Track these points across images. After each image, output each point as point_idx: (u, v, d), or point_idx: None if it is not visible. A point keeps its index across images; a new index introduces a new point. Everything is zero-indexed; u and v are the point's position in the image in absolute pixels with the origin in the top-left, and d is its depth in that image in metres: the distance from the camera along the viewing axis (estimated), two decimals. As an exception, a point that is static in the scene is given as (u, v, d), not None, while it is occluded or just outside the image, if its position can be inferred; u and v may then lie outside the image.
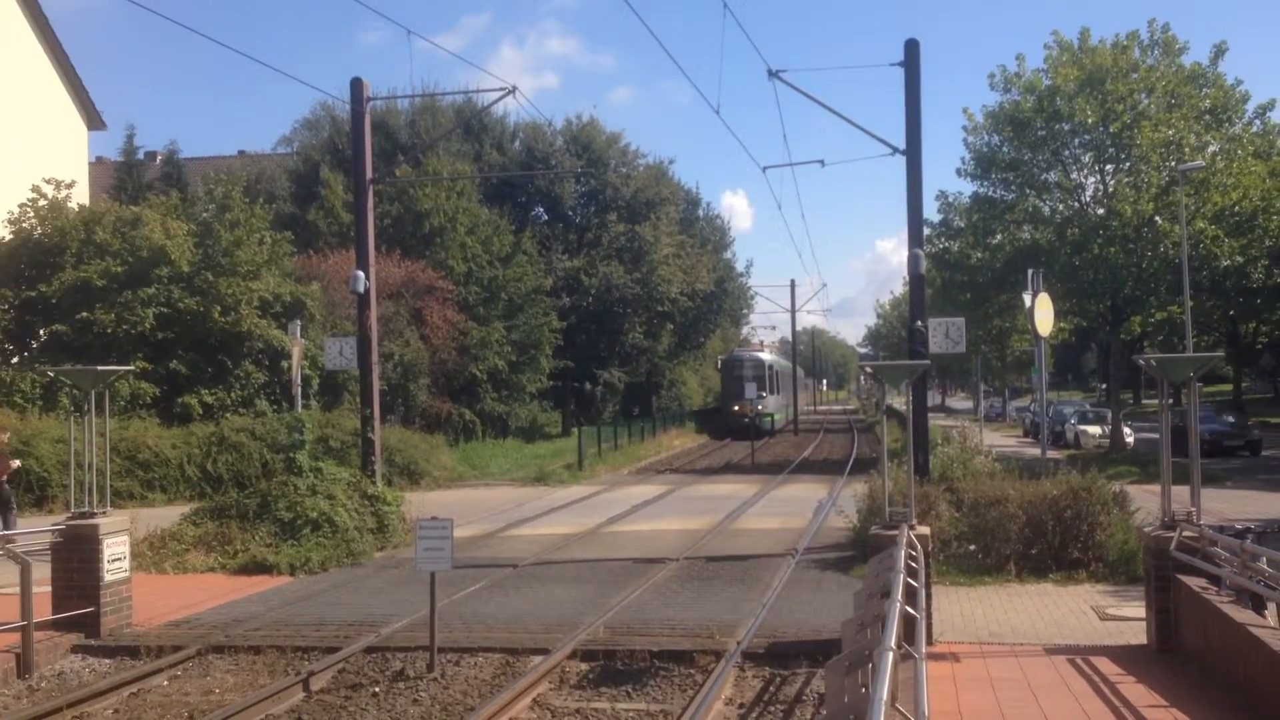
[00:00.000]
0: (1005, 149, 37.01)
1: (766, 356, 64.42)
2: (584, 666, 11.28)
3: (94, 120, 42.05)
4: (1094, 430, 43.37)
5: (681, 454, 47.54)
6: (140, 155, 55.79)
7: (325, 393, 34.24)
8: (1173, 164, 33.16)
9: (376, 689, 10.69)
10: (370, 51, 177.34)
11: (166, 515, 21.03)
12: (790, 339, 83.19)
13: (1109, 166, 36.34)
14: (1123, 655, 10.79)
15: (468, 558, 17.30)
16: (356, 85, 22.06)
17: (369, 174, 22.29)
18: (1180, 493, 11.62)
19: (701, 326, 71.04)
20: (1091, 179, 37.26)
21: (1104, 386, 69.25)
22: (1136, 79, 34.76)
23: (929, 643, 9.29)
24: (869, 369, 14.61)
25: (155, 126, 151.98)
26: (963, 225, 39.25)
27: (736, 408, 57.69)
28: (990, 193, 38.06)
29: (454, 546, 11.53)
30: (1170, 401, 12.27)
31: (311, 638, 12.39)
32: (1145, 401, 78.40)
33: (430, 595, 11.43)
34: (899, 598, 6.45)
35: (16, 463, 21.08)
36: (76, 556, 12.47)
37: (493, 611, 13.69)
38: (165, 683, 11.15)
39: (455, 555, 11.74)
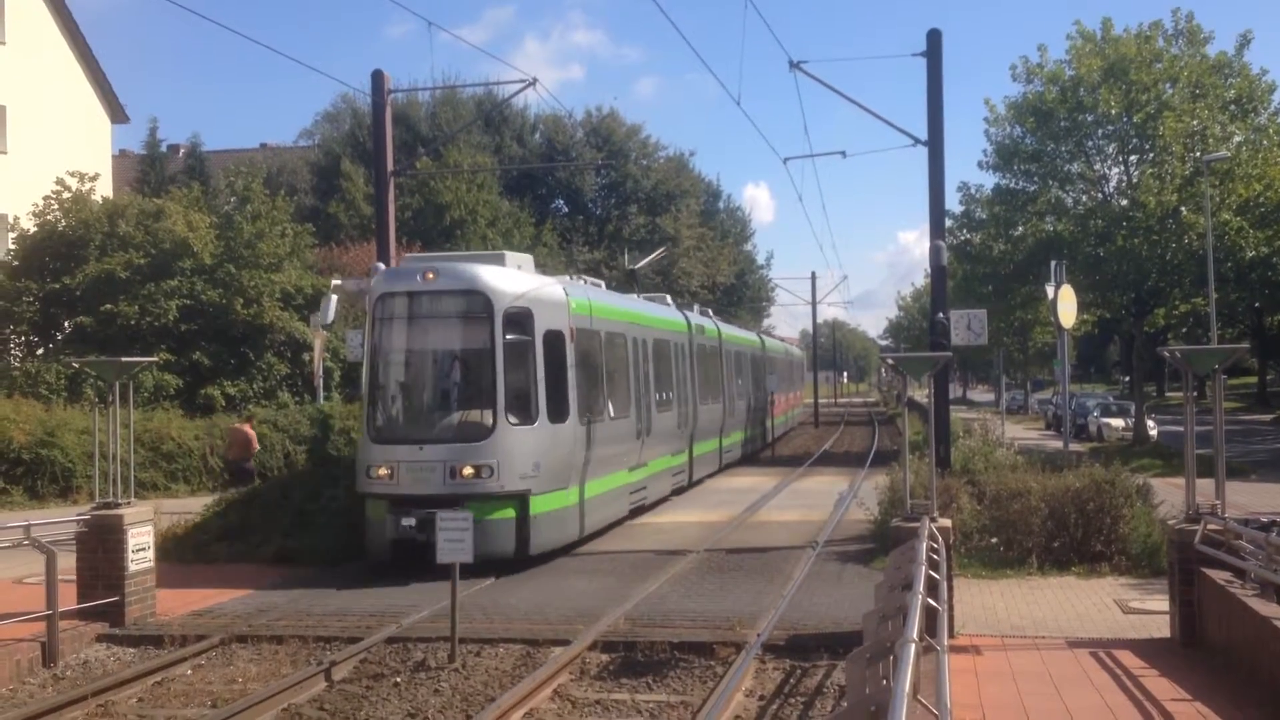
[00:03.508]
0: (1028, 140, 36.75)
1: (526, 285, 16.57)
2: (604, 658, 11.31)
3: (117, 113, 42.32)
4: (1117, 423, 43.11)
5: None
6: (163, 148, 56.13)
7: (347, 385, 34.34)
8: (1197, 155, 32.89)
9: (398, 679, 10.74)
10: (394, 44, 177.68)
11: (190, 506, 21.17)
12: (811, 331, 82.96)
13: (1133, 157, 36.04)
14: (1146, 649, 10.74)
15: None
16: (377, 78, 22.10)
17: (390, 166, 22.33)
18: (1204, 486, 11.55)
19: (722, 319, 70.93)
20: (1115, 170, 36.99)
21: (1127, 379, 68.81)
22: (1160, 69, 34.44)
23: (950, 635, 9.29)
24: (890, 361, 14.57)
25: (178, 119, 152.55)
26: (985, 217, 38.99)
27: (384, 471, 15.70)
28: (1012, 184, 37.79)
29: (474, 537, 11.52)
30: (1195, 395, 12.18)
31: (333, 628, 12.46)
32: (1169, 394, 77.94)
33: (451, 586, 11.47)
34: (921, 590, 6.43)
35: (257, 447, 24.30)
36: (101, 546, 12.57)
37: (513, 603, 13.73)
38: (189, 672, 11.24)
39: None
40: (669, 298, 27.88)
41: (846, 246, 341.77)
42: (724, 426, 30.57)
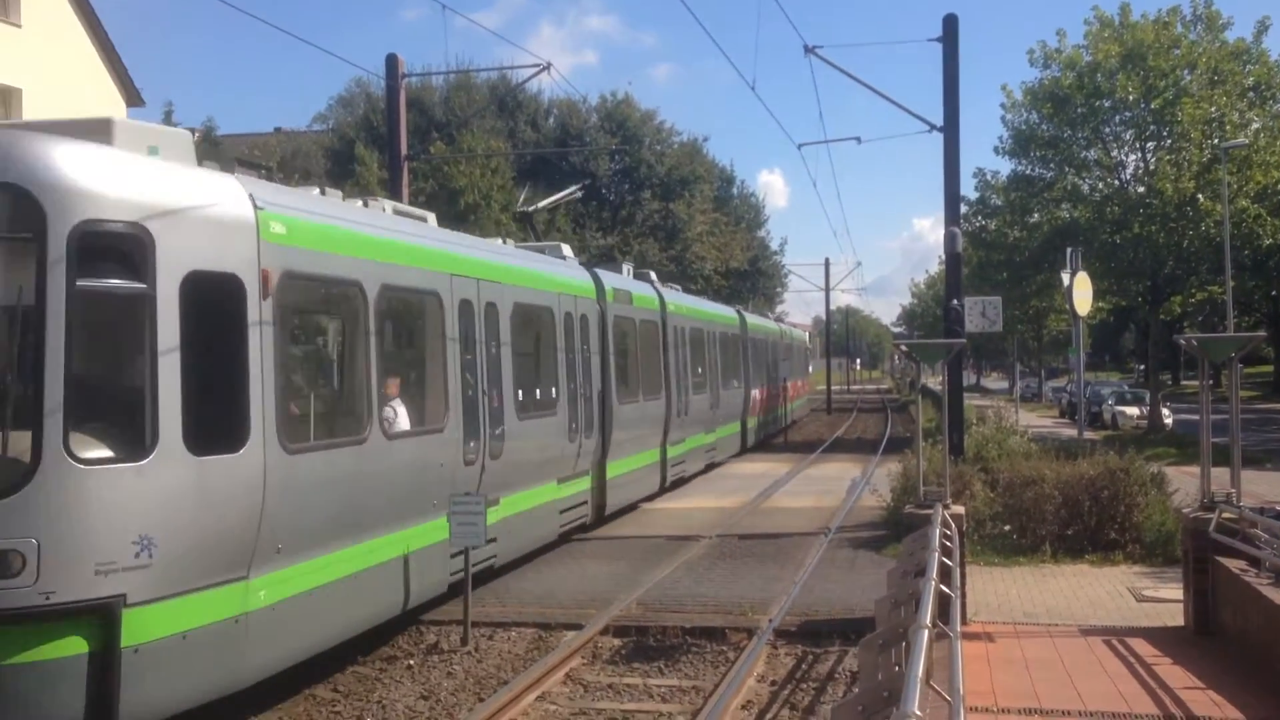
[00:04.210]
0: (1044, 126, 36.54)
1: (144, 180, 8.43)
2: (616, 642, 11.35)
3: (132, 97, 42.35)
4: (1132, 411, 42.94)
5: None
6: (178, 132, 56.18)
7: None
8: (1215, 141, 32.69)
9: (411, 662, 10.80)
10: (408, 28, 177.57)
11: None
12: (824, 317, 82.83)
13: (1150, 144, 35.84)
14: (1159, 637, 10.71)
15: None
16: (391, 62, 22.10)
17: (404, 151, 22.36)
18: (1220, 474, 11.51)
19: (735, 305, 70.82)
20: (1132, 157, 36.81)
21: (1142, 367, 68.59)
22: (1178, 55, 34.22)
23: (963, 622, 9.26)
24: (904, 347, 14.55)
25: (193, 103, 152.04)
26: (1000, 203, 38.86)
27: None
28: (1028, 171, 37.64)
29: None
30: (1210, 383, 12.13)
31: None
32: (1185, 382, 77.61)
33: (464, 570, 11.51)
34: (934, 576, 6.43)
35: None
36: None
37: (526, 587, 13.76)
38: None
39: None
40: (566, 248, 19.11)
41: (861, 233, 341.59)
42: (669, 430, 22.64)
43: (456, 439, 12.37)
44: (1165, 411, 39.65)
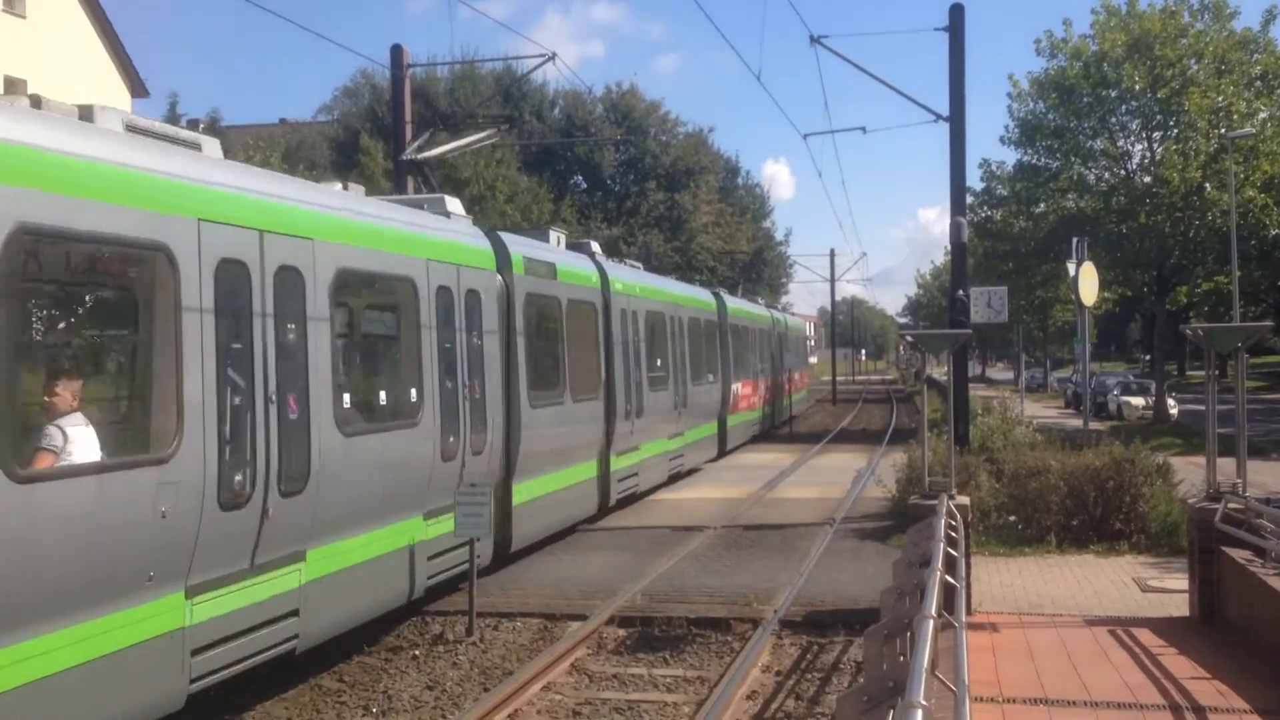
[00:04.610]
0: (1051, 116, 36.51)
1: None
2: (621, 632, 11.36)
3: (137, 88, 42.39)
4: (1137, 401, 42.95)
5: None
6: (183, 123, 56.19)
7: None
8: (1222, 131, 32.62)
9: (416, 652, 10.82)
10: (414, 19, 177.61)
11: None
12: (830, 308, 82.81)
13: (1156, 134, 35.80)
14: (1164, 627, 10.69)
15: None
16: (396, 52, 22.10)
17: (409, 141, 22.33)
18: (1225, 464, 11.48)
19: (740, 295, 70.77)
20: (1138, 146, 36.80)
21: (1148, 358, 68.48)
22: (1185, 44, 34.17)
23: (968, 613, 9.26)
24: (910, 338, 14.52)
25: (198, 94, 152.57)
26: (1006, 194, 38.84)
27: None
28: (1035, 161, 37.62)
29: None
30: (1216, 373, 12.10)
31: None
32: (1190, 373, 77.49)
33: (469, 560, 11.52)
34: (939, 567, 6.42)
35: None
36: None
37: (531, 577, 13.79)
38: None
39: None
40: (454, 202, 14.65)
41: (866, 223, 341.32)
42: (613, 437, 18.37)
43: (199, 473, 7.94)
44: (1171, 402, 39.65)
